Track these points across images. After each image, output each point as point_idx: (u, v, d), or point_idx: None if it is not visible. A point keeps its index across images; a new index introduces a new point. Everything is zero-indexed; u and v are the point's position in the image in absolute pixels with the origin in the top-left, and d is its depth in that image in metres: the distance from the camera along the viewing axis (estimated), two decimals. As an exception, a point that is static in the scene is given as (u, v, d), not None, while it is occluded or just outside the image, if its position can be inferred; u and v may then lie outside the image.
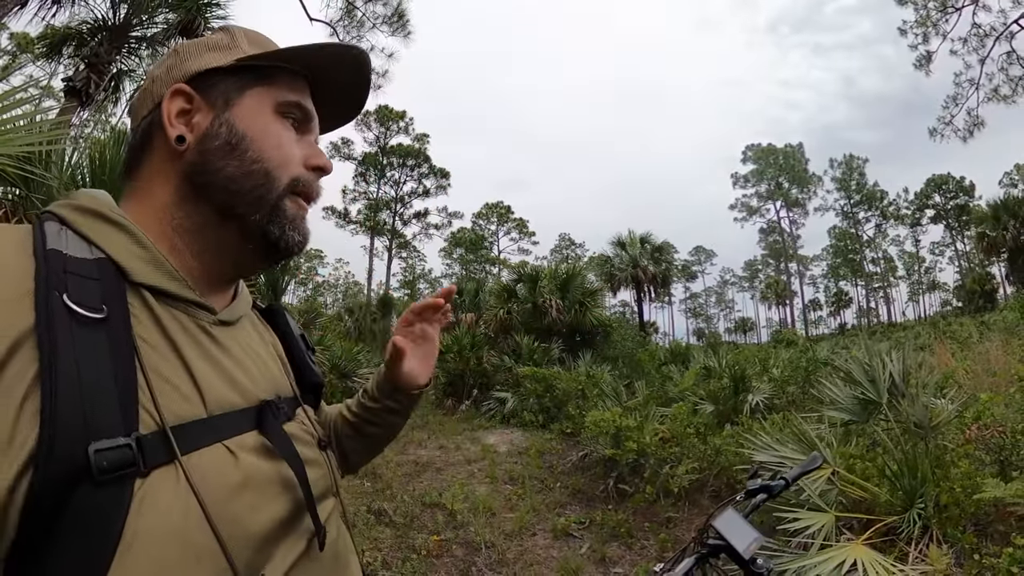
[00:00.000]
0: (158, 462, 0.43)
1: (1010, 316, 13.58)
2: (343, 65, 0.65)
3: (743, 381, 6.31)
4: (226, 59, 0.59)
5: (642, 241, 21.03)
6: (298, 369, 0.71)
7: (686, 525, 3.85)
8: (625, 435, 4.53)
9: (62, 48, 9.16)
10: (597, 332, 13.03)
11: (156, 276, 0.52)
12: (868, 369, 3.44)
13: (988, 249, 26.18)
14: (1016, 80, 17.64)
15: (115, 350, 0.44)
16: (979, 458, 3.10)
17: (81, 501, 0.38)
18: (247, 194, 0.56)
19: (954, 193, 47.97)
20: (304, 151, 0.62)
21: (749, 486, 1.07)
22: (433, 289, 45.48)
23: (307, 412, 0.67)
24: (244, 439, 0.52)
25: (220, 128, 0.57)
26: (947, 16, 17.92)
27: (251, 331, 0.66)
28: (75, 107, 7.98)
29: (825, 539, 2.62)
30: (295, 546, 0.52)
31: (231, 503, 0.46)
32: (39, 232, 0.47)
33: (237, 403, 0.53)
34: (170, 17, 9.25)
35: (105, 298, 0.46)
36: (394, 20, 14.65)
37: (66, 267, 0.45)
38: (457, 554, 3.56)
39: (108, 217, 0.52)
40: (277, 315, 0.75)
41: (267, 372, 0.62)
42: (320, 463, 0.62)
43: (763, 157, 54.55)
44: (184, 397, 0.48)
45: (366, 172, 34.06)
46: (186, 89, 0.57)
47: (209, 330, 0.55)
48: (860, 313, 57.70)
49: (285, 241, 0.59)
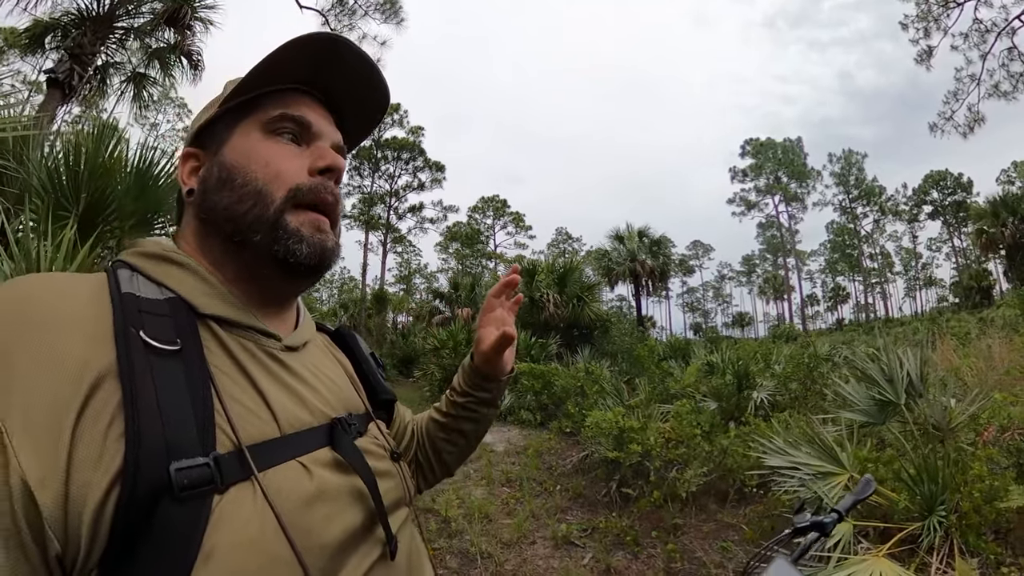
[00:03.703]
0: (235, 479, 0.45)
1: (1009, 312, 13.53)
2: (326, 56, 0.63)
3: (747, 378, 6.16)
4: (214, 110, 0.63)
5: (640, 235, 20.90)
6: (370, 386, 0.74)
7: (694, 532, 3.67)
8: (628, 436, 4.36)
9: (44, 39, 8.89)
10: (595, 327, 12.91)
11: (222, 307, 0.56)
12: (885, 368, 3.28)
13: (986, 245, 26.27)
14: (1017, 76, 17.55)
15: (191, 378, 0.47)
16: (997, 461, 2.96)
17: (164, 516, 0.41)
18: (244, 217, 0.58)
19: (952, 189, 48.04)
20: (306, 159, 0.62)
21: (797, 522, 0.90)
22: (429, 284, 45.33)
23: (379, 426, 0.70)
24: (317, 455, 0.54)
25: (213, 169, 0.61)
26: (948, 11, 17.79)
27: (318, 354, 0.68)
28: (58, 100, 7.75)
29: (843, 550, 2.47)
30: (369, 554, 0.54)
31: (305, 515, 0.49)
32: (113, 279, 0.51)
33: (308, 422, 0.56)
34: (156, 6, 9.01)
35: (178, 332, 0.50)
36: (386, 7, 14.39)
37: (140, 307, 0.49)
38: (451, 565, 3.37)
39: (172, 259, 0.57)
40: (347, 337, 0.79)
41: (337, 391, 0.64)
42: (392, 474, 0.64)
43: (762, 151, 54.31)
44: (258, 418, 0.51)
45: (360, 166, 33.71)
46: (191, 151, 0.64)
47: (277, 355, 0.59)
48: (857, 308, 57.84)
49: (293, 256, 0.58)
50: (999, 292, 31.83)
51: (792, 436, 3.26)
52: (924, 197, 49.84)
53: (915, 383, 3.25)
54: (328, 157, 0.62)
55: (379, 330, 23.29)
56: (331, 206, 0.62)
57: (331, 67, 0.64)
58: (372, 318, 24.03)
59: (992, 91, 18.28)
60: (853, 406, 3.42)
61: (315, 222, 0.61)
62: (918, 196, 50.32)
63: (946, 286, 52.64)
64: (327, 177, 0.62)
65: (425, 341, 13.43)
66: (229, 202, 0.58)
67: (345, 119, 0.69)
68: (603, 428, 4.60)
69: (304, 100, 0.64)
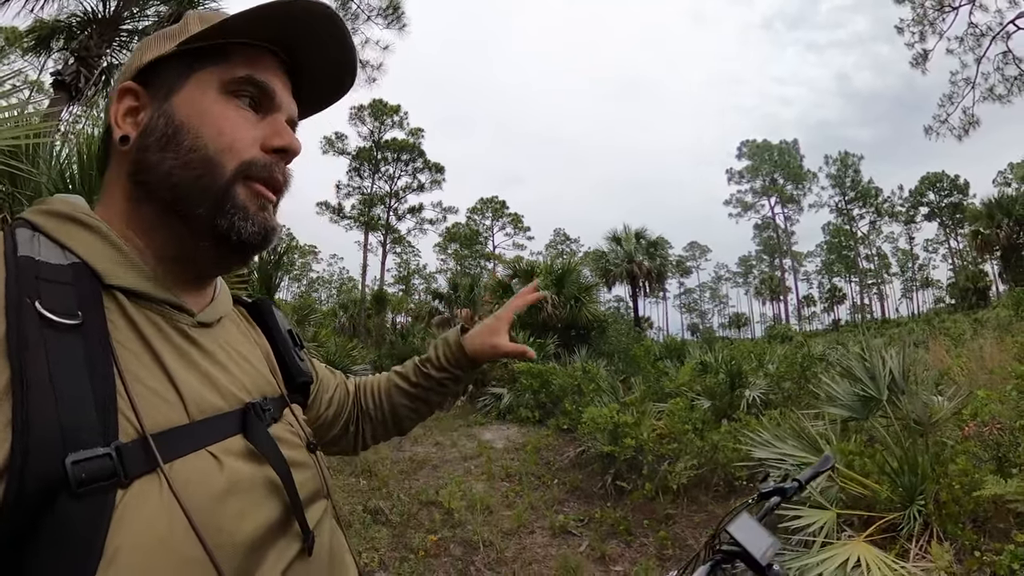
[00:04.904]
0: (140, 471, 0.41)
1: (1003, 313, 13.69)
2: (307, 24, 0.58)
3: (739, 377, 6.30)
4: (170, 45, 0.55)
5: (637, 236, 21.02)
6: (286, 367, 0.69)
7: (685, 522, 3.83)
8: (623, 431, 4.51)
9: (50, 42, 9.00)
10: (592, 327, 13.02)
11: (131, 278, 0.50)
12: (868, 366, 3.43)
13: (982, 247, 26.40)
14: (1012, 80, 17.72)
15: (91, 356, 0.42)
16: (977, 455, 3.10)
17: (60, 514, 0.36)
18: (188, 186, 0.52)
19: (948, 191, 48.24)
20: (262, 131, 0.56)
21: (761, 489, 1.04)
22: (428, 285, 45.42)
23: (295, 412, 0.65)
24: (229, 444, 0.50)
25: (158, 120, 0.53)
26: (944, 15, 17.96)
27: (233, 331, 0.63)
28: (64, 102, 7.86)
29: (826, 537, 2.61)
30: (287, 550, 0.51)
31: (217, 510, 0.45)
32: (10, 239, 0.46)
33: (220, 407, 0.52)
34: (161, 9, 9.11)
35: (80, 303, 0.44)
36: (389, 12, 14.53)
37: (39, 273, 0.43)
38: (455, 553, 3.53)
39: (80, 220, 0.50)
40: (264, 312, 0.72)
41: (251, 373, 0.60)
42: (308, 464, 0.60)
43: (758, 153, 54.58)
44: (165, 403, 0.46)
45: (360, 167, 33.83)
46: (132, 87, 0.55)
47: (188, 332, 0.53)
48: (854, 309, 58.01)
49: (237, 233, 0.53)
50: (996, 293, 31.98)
51: (780, 431, 3.40)
52: (921, 199, 50.05)
53: (898, 380, 3.39)
54: (286, 137, 0.57)
55: (378, 330, 23.40)
56: (280, 187, 0.58)
57: (308, 39, 0.60)
58: (371, 318, 24.13)
59: (987, 94, 18.46)
60: (838, 401, 3.57)
61: (261, 199, 0.56)
62: (914, 198, 50.52)
63: (943, 287, 52.84)
64: (280, 157, 0.57)
65: (424, 342, 13.57)
66: (172, 166, 0.52)
67: (301, 88, 0.63)
68: (599, 423, 4.75)
69: (271, 63, 0.59)
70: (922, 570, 2.36)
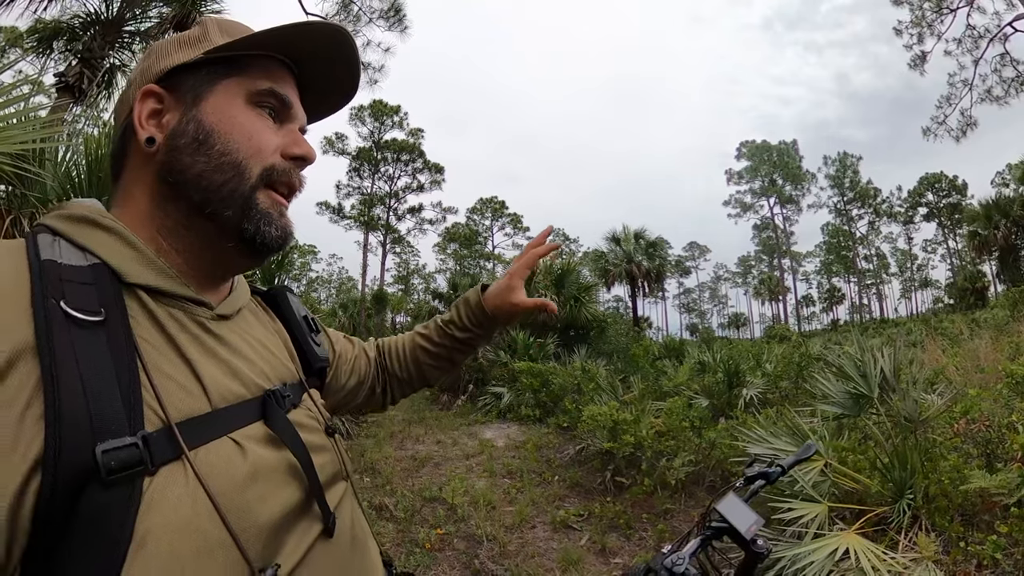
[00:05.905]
0: (166, 459, 0.44)
1: (1000, 314, 13.77)
2: (324, 45, 0.63)
3: (737, 376, 6.38)
4: (195, 53, 0.58)
5: (636, 236, 21.10)
6: (303, 353, 0.73)
7: (683, 516, 3.92)
8: (622, 428, 4.60)
9: (53, 43, 9.05)
10: (592, 327, 13.08)
11: (150, 275, 0.52)
12: (860, 364, 3.51)
13: (979, 247, 26.43)
14: (1009, 81, 17.83)
15: (116, 351, 0.44)
16: (967, 451, 3.19)
17: (91, 502, 0.39)
18: (218, 190, 0.55)
19: (947, 192, 48.27)
20: (282, 140, 0.61)
21: (748, 473, 1.13)
22: (427, 284, 45.47)
23: (313, 397, 0.68)
24: (250, 430, 0.53)
25: (188, 125, 0.56)
26: (942, 17, 18.07)
27: (252, 321, 0.66)
28: (68, 103, 7.92)
29: (818, 528, 2.69)
30: (309, 532, 0.53)
31: (240, 494, 0.47)
32: (32, 245, 0.48)
33: (241, 395, 0.54)
34: (164, 11, 9.16)
35: (102, 301, 0.47)
36: (390, 14, 14.61)
37: (61, 275, 0.46)
38: (459, 547, 3.61)
39: (99, 223, 0.53)
40: (280, 300, 0.76)
41: (271, 360, 0.63)
42: (327, 448, 0.63)
43: (757, 154, 54.72)
44: (188, 393, 0.49)
45: (360, 167, 33.94)
46: (156, 89, 0.57)
47: (208, 325, 0.56)
48: (853, 309, 58.11)
49: (261, 237, 0.58)
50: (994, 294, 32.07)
51: (775, 428, 3.49)
52: (919, 199, 50.10)
53: (889, 379, 3.48)
54: (304, 146, 0.62)
55: (378, 330, 23.49)
56: (294, 193, 0.63)
57: (320, 56, 0.64)
58: (371, 318, 24.21)
59: (985, 96, 18.57)
60: (831, 399, 3.65)
61: (280, 204, 0.60)
62: (913, 198, 50.57)
63: (941, 287, 52.91)
64: (297, 164, 0.62)
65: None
66: (204, 168, 0.55)
67: (305, 99, 0.67)
68: (599, 421, 4.83)
69: (286, 76, 0.63)
70: (910, 560, 2.45)
